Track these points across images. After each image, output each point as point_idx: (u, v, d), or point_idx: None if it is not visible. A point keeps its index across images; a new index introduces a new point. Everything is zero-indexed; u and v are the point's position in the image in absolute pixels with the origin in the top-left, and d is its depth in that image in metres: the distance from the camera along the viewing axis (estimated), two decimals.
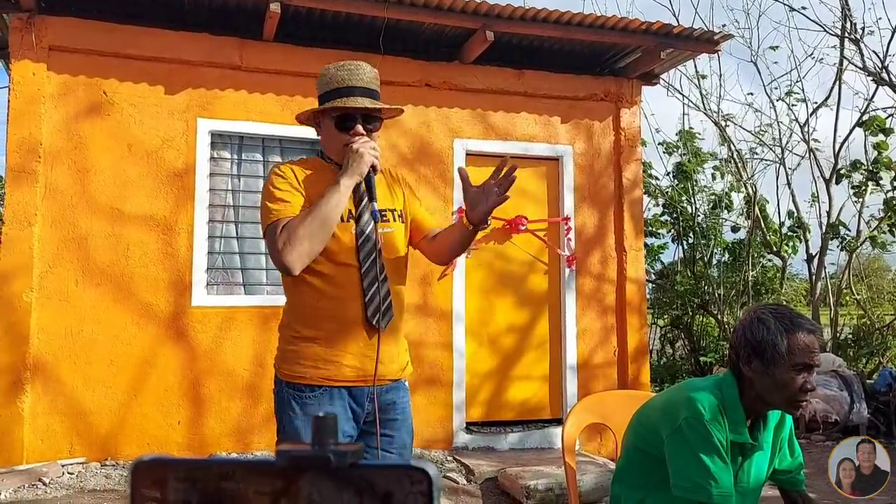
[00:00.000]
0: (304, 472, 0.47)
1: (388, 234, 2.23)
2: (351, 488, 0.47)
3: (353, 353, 2.14)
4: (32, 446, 4.79)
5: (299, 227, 2.03)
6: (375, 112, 2.22)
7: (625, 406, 2.46)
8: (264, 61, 5.40)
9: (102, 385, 4.97)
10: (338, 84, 2.19)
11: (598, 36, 5.71)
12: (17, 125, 4.89)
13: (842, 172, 9.11)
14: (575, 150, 6.21)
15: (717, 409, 1.96)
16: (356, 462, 0.47)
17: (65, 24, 5.02)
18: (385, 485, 0.46)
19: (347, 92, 2.17)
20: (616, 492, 2.21)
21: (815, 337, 1.93)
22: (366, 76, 2.22)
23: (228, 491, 0.48)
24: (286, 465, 0.47)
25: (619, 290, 6.23)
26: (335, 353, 2.14)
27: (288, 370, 2.17)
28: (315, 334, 2.15)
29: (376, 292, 2.16)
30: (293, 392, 2.15)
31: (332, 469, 0.47)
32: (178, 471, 0.49)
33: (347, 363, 2.14)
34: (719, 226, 10.30)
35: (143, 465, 0.49)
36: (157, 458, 0.50)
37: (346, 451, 0.47)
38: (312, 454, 0.47)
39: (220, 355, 5.20)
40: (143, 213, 5.14)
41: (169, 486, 0.49)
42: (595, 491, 4.69)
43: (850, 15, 8.55)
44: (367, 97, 2.19)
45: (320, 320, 2.15)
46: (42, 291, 4.89)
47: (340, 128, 2.19)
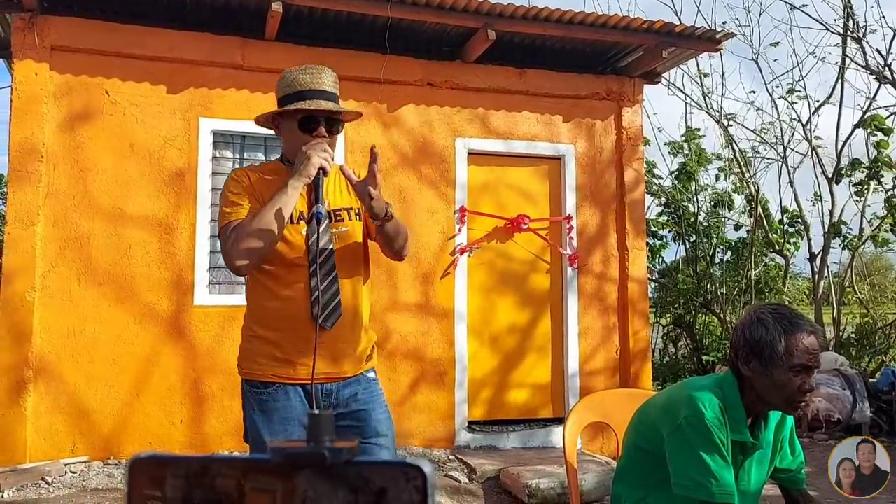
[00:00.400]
0: (299, 470, 0.47)
1: (342, 233, 2.24)
2: (346, 485, 0.47)
3: (304, 352, 2.15)
4: (35, 445, 4.80)
5: (245, 228, 2.08)
6: (337, 115, 2.25)
7: (626, 405, 2.46)
8: (266, 61, 5.40)
9: (105, 384, 4.98)
10: (300, 87, 2.21)
11: (600, 35, 5.70)
12: (20, 125, 4.90)
13: (843, 171, 9.10)
14: (577, 149, 6.21)
15: (718, 408, 1.96)
16: (351, 459, 0.47)
17: (67, 23, 5.03)
18: (380, 481, 0.46)
19: (310, 95, 2.19)
20: (617, 491, 2.21)
21: (814, 338, 1.93)
22: (328, 80, 2.24)
23: (224, 488, 0.48)
24: (282, 463, 0.48)
25: (620, 289, 6.23)
26: (287, 351, 2.17)
27: (246, 367, 2.23)
28: (267, 334, 2.20)
29: (323, 291, 2.17)
30: (250, 389, 2.21)
31: (327, 466, 0.47)
32: (174, 468, 0.49)
33: (299, 362, 2.17)
34: (722, 224, 10.29)
35: (139, 463, 0.50)
36: (154, 455, 0.50)
37: (341, 448, 0.47)
38: (308, 451, 0.47)
39: (221, 354, 5.21)
40: (144, 212, 5.14)
41: (166, 483, 0.49)
42: (597, 490, 4.69)
43: (852, 13, 8.54)
44: (329, 101, 2.21)
45: (273, 320, 2.20)
46: (44, 291, 4.90)
47: (304, 129, 2.21)
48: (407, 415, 5.55)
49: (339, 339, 2.20)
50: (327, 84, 2.23)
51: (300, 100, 2.19)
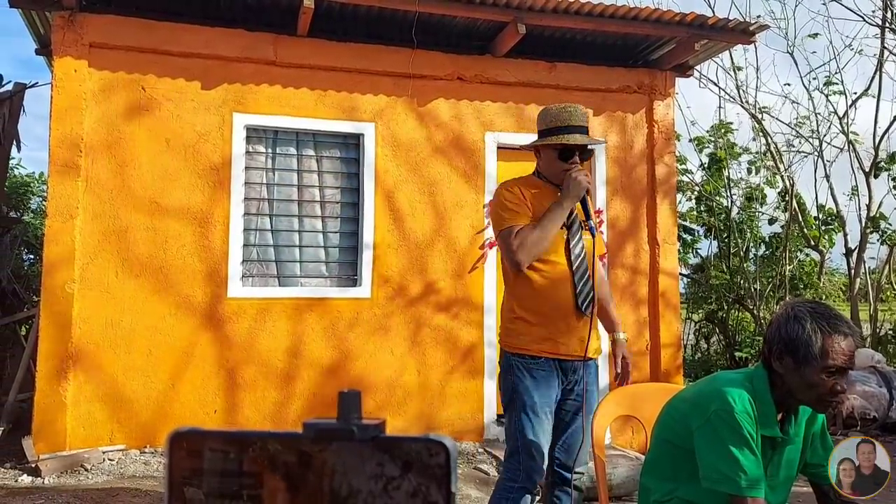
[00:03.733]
0: (329, 444, 0.50)
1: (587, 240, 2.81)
2: (373, 459, 0.49)
3: (565, 333, 2.72)
4: (75, 433, 4.93)
5: (531, 234, 2.68)
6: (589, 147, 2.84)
7: (654, 398, 2.46)
8: (298, 56, 5.47)
9: (142, 374, 5.09)
10: (560, 123, 2.79)
11: (631, 27, 5.66)
12: (61, 121, 5.02)
13: (881, 165, 8.91)
14: (608, 142, 6.18)
15: (748, 402, 1.95)
16: (378, 435, 0.50)
17: (105, 21, 5.14)
18: (405, 456, 0.49)
19: (568, 130, 2.77)
20: (645, 484, 2.21)
21: (851, 340, 1.90)
22: (580, 116, 2.81)
23: (260, 461, 0.51)
24: (313, 437, 0.50)
25: (652, 283, 6.20)
26: (552, 332, 2.72)
27: (513, 343, 2.78)
28: (534, 318, 2.74)
29: (583, 286, 2.74)
30: (518, 360, 2.75)
31: (355, 441, 0.49)
32: (211, 441, 0.52)
33: (560, 341, 2.72)
34: (755, 219, 10.15)
35: (179, 436, 0.53)
36: (193, 429, 0.53)
37: (369, 424, 0.50)
38: (337, 427, 0.50)
39: (255, 345, 5.30)
40: (180, 206, 5.24)
41: (204, 455, 0.52)
42: (626, 483, 4.68)
43: (891, 4, 8.35)
44: (582, 134, 2.79)
45: (541, 306, 2.74)
46: (84, 282, 5.02)
47: (562, 158, 2.79)
48: (437, 407, 5.59)
49: (589, 326, 2.74)
50: (580, 120, 2.79)
51: (560, 133, 2.78)
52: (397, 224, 5.67)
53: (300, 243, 5.55)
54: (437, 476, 0.48)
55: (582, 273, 2.74)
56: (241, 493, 0.51)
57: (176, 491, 0.52)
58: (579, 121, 2.78)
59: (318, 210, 5.61)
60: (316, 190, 5.61)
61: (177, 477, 0.52)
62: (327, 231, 5.63)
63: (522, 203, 2.75)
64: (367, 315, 5.54)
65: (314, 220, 5.60)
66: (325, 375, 5.40)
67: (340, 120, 5.58)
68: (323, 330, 5.44)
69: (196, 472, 0.52)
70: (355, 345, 5.50)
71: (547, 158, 2.84)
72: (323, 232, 5.62)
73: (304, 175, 5.58)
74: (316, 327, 5.43)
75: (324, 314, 5.45)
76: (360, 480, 0.49)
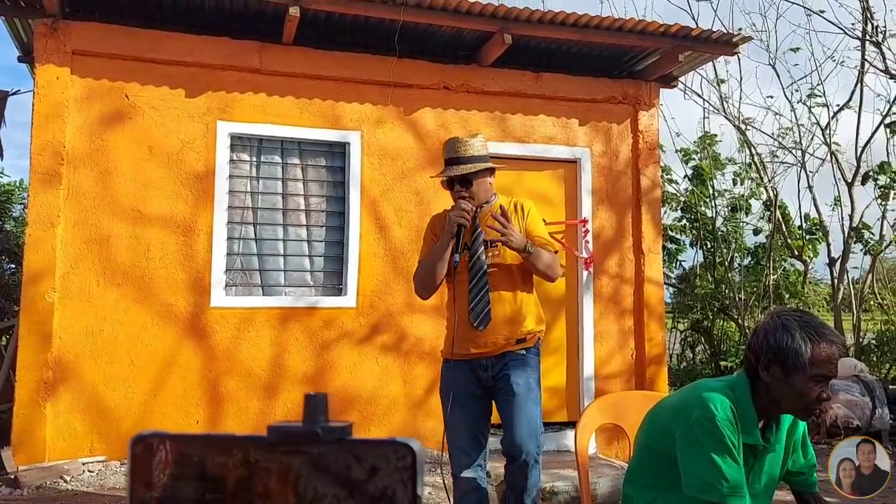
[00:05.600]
0: (294, 447, 0.49)
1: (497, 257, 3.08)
2: (339, 462, 0.48)
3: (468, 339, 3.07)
4: (54, 444, 4.86)
5: (419, 272, 3.18)
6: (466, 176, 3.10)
7: (639, 407, 2.46)
8: (283, 64, 5.46)
9: (123, 384, 5.04)
10: (445, 156, 3.17)
11: (616, 38, 5.70)
12: (42, 129, 4.98)
13: (866, 174, 9.00)
14: (593, 152, 6.21)
15: (730, 410, 1.95)
16: (344, 438, 0.49)
17: (88, 28, 5.11)
18: (371, 459, 0.48)
19: (448, 163, 3.13)
20: (628, 492, 2.20)
21: (836, 348, 1.92)
22: (461, 148, 3.11)
23: (223, 464, 0.50)
24: (277, 440, 0.49)
25: (637, 292, 6.21)
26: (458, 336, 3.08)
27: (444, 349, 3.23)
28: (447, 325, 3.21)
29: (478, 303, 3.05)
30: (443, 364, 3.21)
31: (321, 443, 0.48)
32: (175, 445, 0.51)
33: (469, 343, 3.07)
34: (740, 229, 10.22)
35: (142, 440, 0.51)
36: (156, 433, 0.52)
37: (334, 427, 0.49)
38: (302, 429, 0.49)
39: (238, 355, 5.25)
40: (163, 214, 5.20)
41: (167, 459, 0.51)
42: (612, 495, 4.67)
43: (871, 17, 8.46)
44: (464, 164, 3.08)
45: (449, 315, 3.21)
46: (64, 292, 4.97)
47: (449, 188, 3.17)
48: (422, 416, 5.56)
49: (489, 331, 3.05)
50: (461, 151, 3.09)
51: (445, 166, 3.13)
52: (383, 233, 5.65)
53: (284, 252, 5.52)
54: (403, 479, 0.47)
55: (477, 291, 3.05)
56: (205, 496, 0.50)
57: (138, 496, 0.51)
58: (456, 152, 3.10)
59: (302, 219, 5.59)
60: (301, 198, 5.59)
61: (139, 481, 0.51)
62: (312, 240, 5.60)
63: (432, 237, 3.18)
64: (352, 324, 5.51)
65: (299, 228, 5.57)
66: (309, 386, 5.36)
67: (326, 128, 5.57)
68: (307, 339, 5.41)
69: (159, 476, 0.51)
70: (340, 354, 5.47)
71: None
72: (308, 241, 5.59)
73: (288, 183, 5.56)
74: (300, 337, 5.39)
75: (308, 323, 5.42)
76: (325, 484, 0.48)
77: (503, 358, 3.08)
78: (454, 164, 3.09)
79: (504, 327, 3.07)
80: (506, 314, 3.08)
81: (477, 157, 3.12)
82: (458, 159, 3.09)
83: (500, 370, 3.07)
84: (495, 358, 3.08)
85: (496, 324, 3.07)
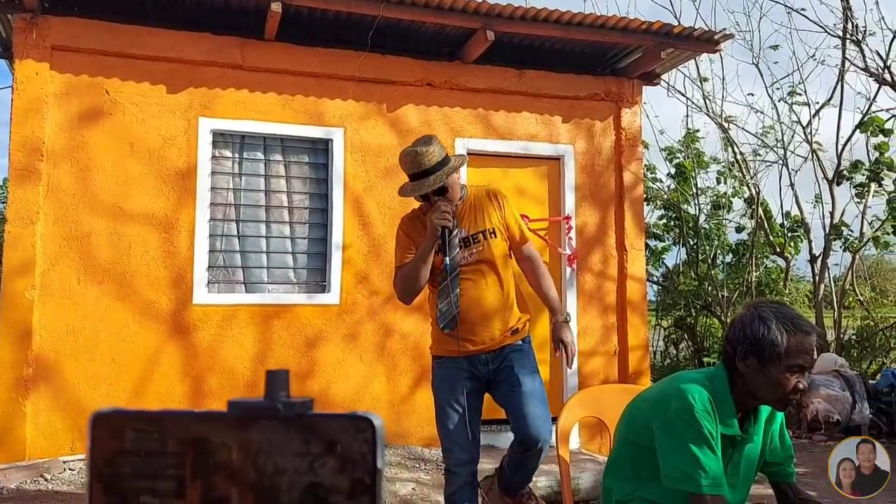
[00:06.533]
0: (254, 422, 0.49)
1: (481, 252, 3.04)
2: (299, 437, 0.48)
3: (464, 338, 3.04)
4: (35, 443, 4.82)
5: (402, 276, 3.07)
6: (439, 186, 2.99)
7: (619, 400, 2.46)
8: (265, 60, 5.43)
9: (104, 382, 5.00)
10: (409, 172, 3.02)
11: (599, 36, 5.72)
12: (21, 124, 4.93)
13: (844, 173, 9.10)
14: (576, 149, 6.22)
15: (708, 401, 1.96)
16: (304, 412, 0.49)
17: (67, 23, 5.06)
18: (331, 433, 0.48)
19: (415, 178, 3.00)
20: (608, 484, 2.21)
21: (813, 339, 1.94)
22: (424, 159, 2.97)
23: (183, 440, 0.50)
24: (238, 415, 0.49)
25: (619, 288, 6.24)
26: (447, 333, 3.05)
27: (431, 347, 3.21)
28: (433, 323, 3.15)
29: (446, 305, 3.03)
30: (433, 362, 3.17)
31: (280, 418, 0.48)
32: (134, 422, 0.50)
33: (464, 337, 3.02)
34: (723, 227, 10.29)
35: (101, 417, 0.51)
36: (115, 410, 0.51)
37: (294, 402, 0.49)
38: (262, 404, 0.49)
39: (221, 353, 5.23)
40: (144, 211, 5.17)
41: (126, 436, 0.50)
42: (595, 489, 4.69)
43: (851, 16, 8.55)
44: (428, 175, 2.96)
45: (433, 313, 3.14)
46: (44, 289, 4.92)
47: (423, 200, 3.08)
48: (406, 413, 5.56)
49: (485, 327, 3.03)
50: (425, 163, 2.96)
51: (412, 182, 3.02)
52: (366, 230, 5.64)
53: (267, 249, 5.50)
54: (363, 453, 0.47)
55: (446, 295, 3.03)
56: (165, 472, 0.50)
57: (97, 473, 0.50)
58: (422, 165, 2.98)
59: (285, 216, 5.57)
60: (284, 195, 5.57)
61: (99, 459, 0.51)
62: (295, 237, 5.58)
63: (408, 241, 3.09)
64: (335, 322, 5.50)
65: (282, 225, 5.55)
66: (292, 383, 5.29)
67: (308, 125, 5.55)
68: (290, 337, 5.39)
69: (119, 453, 0.51)
70: (324, 352, 5.46)
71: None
72: (291, 238, 5.57)
73: (271, 180, 5.54)
74: (283, 334, 5.38)
75: (291, 321, 5.40)
76: (285, 458, 0.48)
77: (503, 351, 3.09)
78: (423, 177, 2.98)
79: (497, 321, 3.07)
80: (496, 306, 3.07)
81: (440, 162, 3.01)
82: (425, 172, 2.98)
83: (501, 363, 3.08)
84: (495, 352, 3.08)
85: (490, 317, 3.06)
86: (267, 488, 0.47)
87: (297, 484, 0.47)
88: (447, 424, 3.08)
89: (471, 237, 3.07)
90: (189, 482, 0.49)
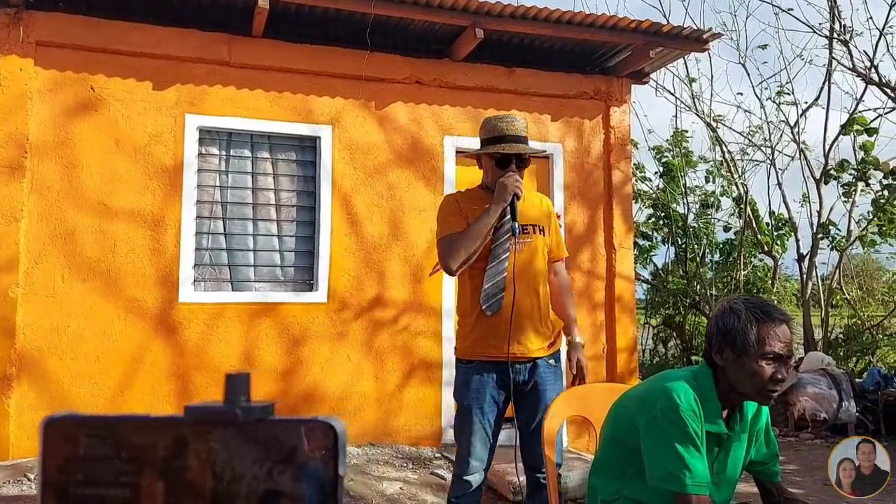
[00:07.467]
0: (212, 428, 0.47)
1: (530, 244, 2.95)
2: (258, 443, 0.47)
3: (490, 334, 2.86)
4: (18, 442, 4.77)
5: (456, 239, 2.82)
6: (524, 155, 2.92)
7: (606, 399, 2.45)
8: (253, 57, 5.39)
9: (89, 381, 4.95)
10: (497, 133, 2.91)
11: (588, 34, 5.71)
12: (5, 120, 4.87)
13: (831, 173, 9.14)
14: (565, 147, 6.22)
15: (693, 399, 1.96)
16: (264, 418, 0.47)
17: (52, 19, 5.01)
18: (292, 439, 0.46)
19: (506, 139, 2.89)
20: (594, 483, 2.21)
21: (786, 327, 1.94)
22: (520, 127, 2.93)
23: (139, 446, 0.48)
24: (194, 421, 0.47)
25: (608, 287, 6.24)
26: (479, 334, 2.88)
27: (456, 347, 2.99)
28: (463, 321, 2.95)
29: (492, 287, 2.85)
30: (458, 364, 2.96)
31: (238, 424, 0.47)
32: (88, 427, 0.49)
33: (490, 342, 2.86)
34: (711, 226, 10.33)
35: (53, 423, 0.49)
36: (68, 415, 0.49)
37: (254, 406, 0.47)
38: (219, 409, 0.47)
39: (207, 351, 5.19)
40: (130, 208, 5.12)
41: (79, 441, 0.49)
42: (583, 487, 4.69)
43: (838, 16, 8.58)
44: (520, 143, 2.90)
45: (466, 308, 2.93)
46: (28, 287, 4.88)
47: (499, 167, 2.91)
48: (394, 412, 5.54)
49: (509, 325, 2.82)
50: (519, 130, 2.91)
51: (498, 143, 2.88)
52: (354, 228, 5.62)
53: (254, 247, 5.47)
54: (324, 459, 0.45)
55: (494, 275, 2.87)
56: (120, 479, 0.48)
57: (49, 480, 0.49)
58: (516, 130, 2.91)
59: (273, 213, 5.54)
60: (271, 193, 5.53)
61: (51, 465, 0.49)
62: (283, 235, 5.55)
63: (457, 213, 2.92)
64: (323, 320, 5.47)
65: (269, 223, 5.52)
66: (279, 382, 5.31)
67: (296, 122, 5.52)
68: (278, 336, 5.36)
69: (72, 459, 0.49)
70: (311, 351, 5.43)
71: (486, 167, 3.00)
72: (278, 236, 5.54)
73: (258, 178, 5.50)
74: (270, 333, 5.35)
75: (278, 319, 5.37)
76: (244, 465, 0.46)
77: (537, 366, 2.94)
78: (511, 141, 2.87)
79: (537, 322, 2.93)
80: (539, 302, 2.95)
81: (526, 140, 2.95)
82: (517, 138, 2.88)
83: (532, 378, 2.93)
84: (528, 363, 2.92)
85: (527, 317, 2.91)
86: (223, 496, 0.46)
87: (255, 491, 0.46)
88: (470, 434, 2.90)
89: (522, 227, 2.94)
90: (144, 489, 0.47)
